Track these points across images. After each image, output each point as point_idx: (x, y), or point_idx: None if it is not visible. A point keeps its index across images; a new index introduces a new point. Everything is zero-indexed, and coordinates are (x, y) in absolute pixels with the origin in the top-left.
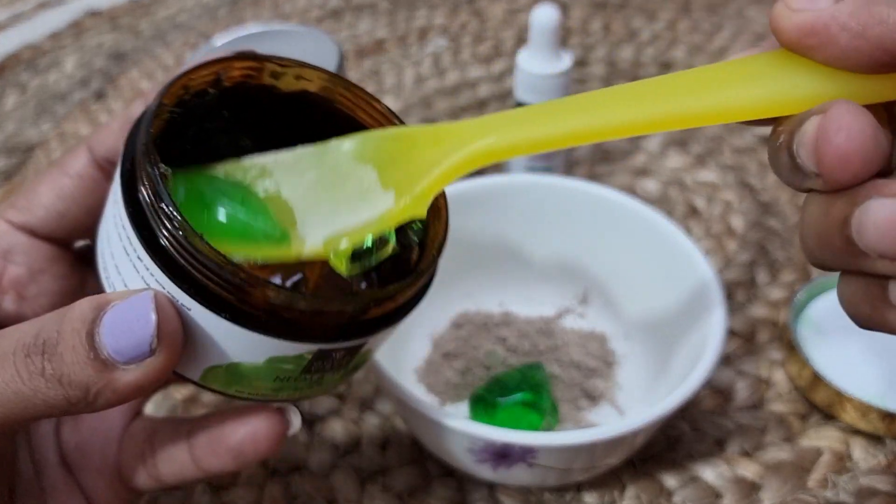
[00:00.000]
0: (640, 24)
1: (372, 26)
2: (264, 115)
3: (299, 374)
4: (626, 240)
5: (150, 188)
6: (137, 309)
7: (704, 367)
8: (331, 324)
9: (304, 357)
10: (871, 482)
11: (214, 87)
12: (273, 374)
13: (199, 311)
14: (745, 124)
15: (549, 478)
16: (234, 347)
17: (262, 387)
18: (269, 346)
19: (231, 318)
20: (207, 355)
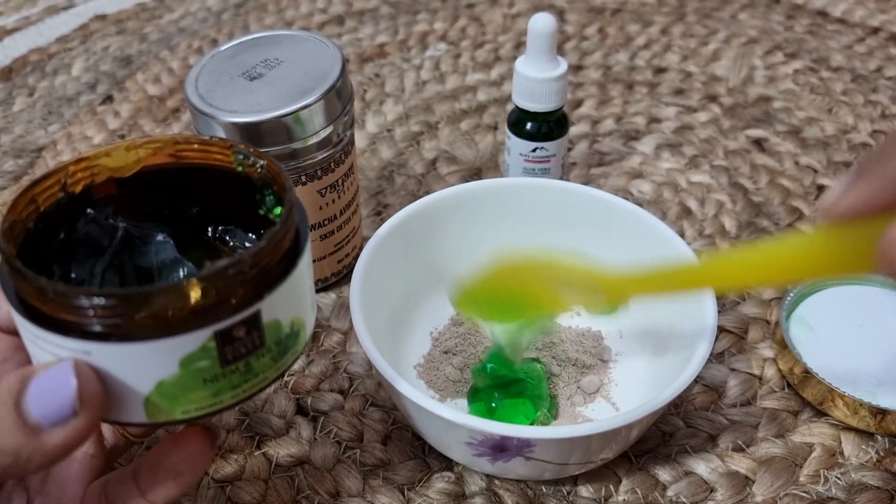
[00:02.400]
0: (635, 29)
1: (373, 31)
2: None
3: (222, 368)
4: (620, 240)
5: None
6: (58, 376)
7: (696, 363)
8: (205, 302)
9: (208, 347)
10: (862, 477)
11: (63, 191)
12: (199, 378)
13: (99, 351)
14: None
15: (545, 471)
16: (145, 368)
17: (201, 397)
18: (170, 347)
19: (123, 339)
20: (132, 390)
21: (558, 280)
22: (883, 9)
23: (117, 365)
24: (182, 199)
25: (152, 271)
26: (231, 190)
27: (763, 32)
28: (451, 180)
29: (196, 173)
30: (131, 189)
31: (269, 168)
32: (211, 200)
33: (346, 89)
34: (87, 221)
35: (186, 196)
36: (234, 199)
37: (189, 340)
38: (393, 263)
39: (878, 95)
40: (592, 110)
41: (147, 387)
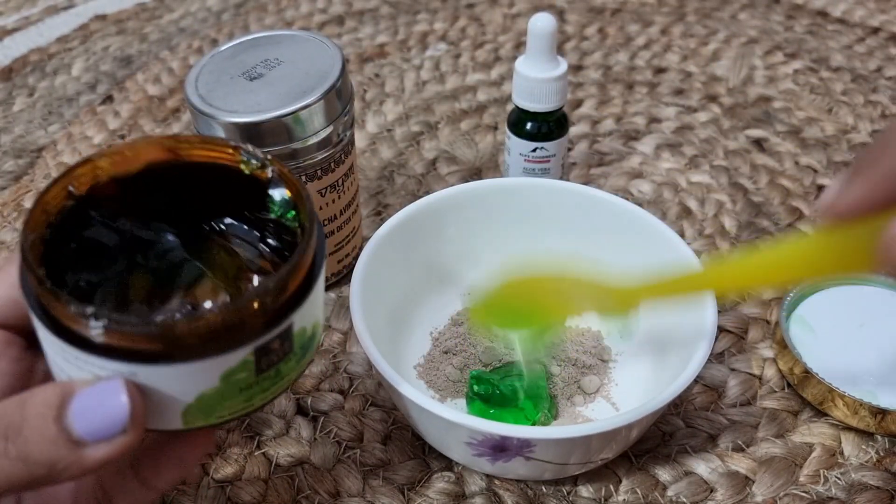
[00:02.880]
0: (635, 29)
1: (373, 31)
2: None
3: (256, 377)
4: (620, 240)
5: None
6: (108, 394)
7: (696, 363)
8: (247, 323)
9: (248, 361)
10: (861, 477)
11: (71, 198)
12: (236, 388)
13: (144, 372)
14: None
15: (545, 471)
16: (189, 383)
17: (236, 403)
18: (213, 365)
19: (169, 360)
20: (174, 403)
21: (568, 291)
22: (883, 9)
23: (160, 383)
24: (183, 196)
25: (162, 273)
26: (234, 188)
27: (763, 32)
28: (451, 180)
29: (198, 172)
30: (134, 189)
31: (280, 174)
32: (213, 198)
33: (346, 89)
34: (94, 226)
35: (188, 194)
36: (236, 197)
37: (231, 358)
38: (393, 263)
39: (878, 95)
40: (592, 110)
41: (187, 399)
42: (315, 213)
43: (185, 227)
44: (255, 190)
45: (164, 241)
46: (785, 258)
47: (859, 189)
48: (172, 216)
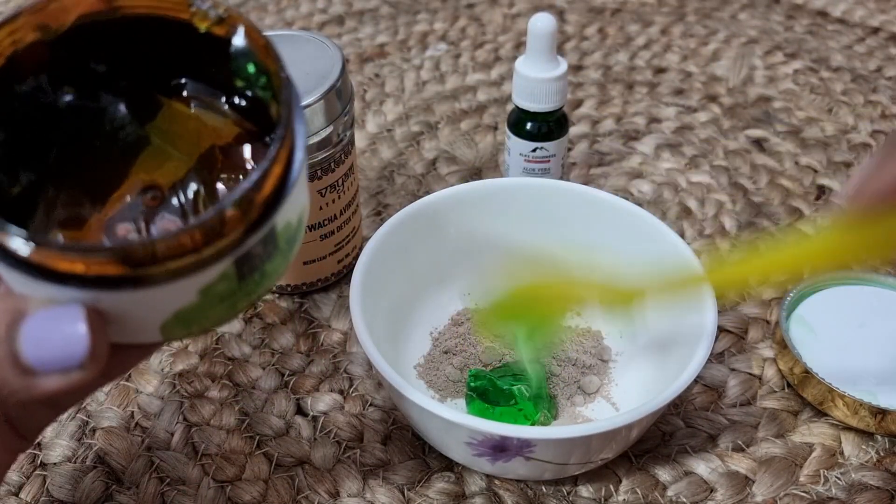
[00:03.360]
0: (635, 29)
1: (373, 31)
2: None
3: (239, 284)
4: (620, 240)
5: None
6: (64, 322)
7: (696, 363)
8: (223, 236)
9: (228, 273)
10: (862, 478)
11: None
12: (218, 298)
13: (109, 298)
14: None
15: (546, 471)
16: (162, 303)
17: (219, 311)
18: (188, 284)
19: (135, 286)
20: (149, 321)
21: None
22: (883, 9)
23: (128, 307)
24: (126, 58)
25: (116, 154)
26: (187, 47)
27: (763, 32)
28: (451, 180)
29: (142, 27)
30: (65, 51)
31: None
32: (162, 59)
33: (346, 89)
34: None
35: (131, 55)
36: (190, 58)
37: (208, 273)
38: (393, 263)
39: (878, 95)
40: (592, 110)
41: (163, 317)
42: (290, 79)
43: (133, 95)
44: (213, 50)
45: (113, 112)
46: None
47: (887, 175)
48: (116, 83)
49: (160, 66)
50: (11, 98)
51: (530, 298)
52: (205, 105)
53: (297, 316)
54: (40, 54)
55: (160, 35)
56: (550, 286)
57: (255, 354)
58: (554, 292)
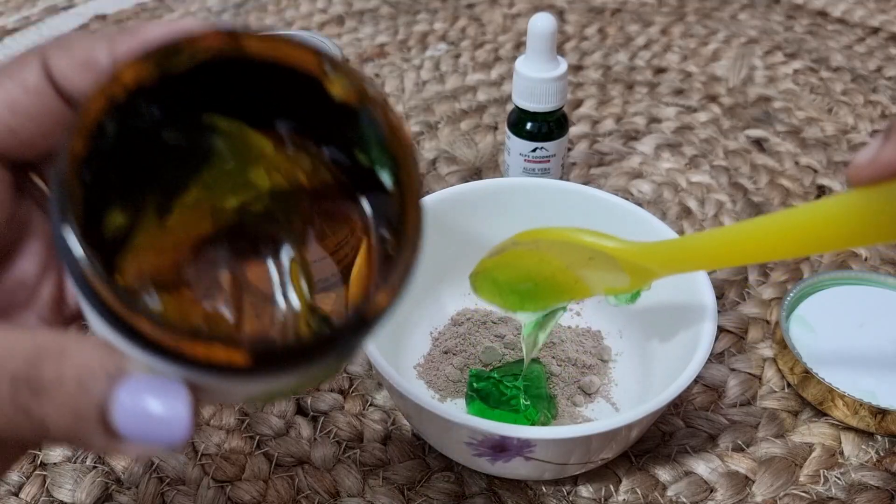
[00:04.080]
0: (635, 29)
1: (373, 32)
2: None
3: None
4: None
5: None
6: (167, 401)
7: (696, 363)
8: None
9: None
10: (862, 477)
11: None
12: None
13: (213, 378)
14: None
15: (545, 471)
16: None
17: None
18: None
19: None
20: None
21: (580, 261)
22: (883, 9)
23: (229, 386)
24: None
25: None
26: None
27: (763, 32)
28: (451, 180)
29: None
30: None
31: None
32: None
33: None
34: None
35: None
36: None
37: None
38: None
39: (878, 95)
40: (592, 110)
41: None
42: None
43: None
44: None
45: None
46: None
47: (893, 150)
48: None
49: (268, 105)
50: (126, 133)
51: (533, 260)
52: (305, 148)
53: None
54: (157, 90)
55: (277, 78)
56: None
57: None
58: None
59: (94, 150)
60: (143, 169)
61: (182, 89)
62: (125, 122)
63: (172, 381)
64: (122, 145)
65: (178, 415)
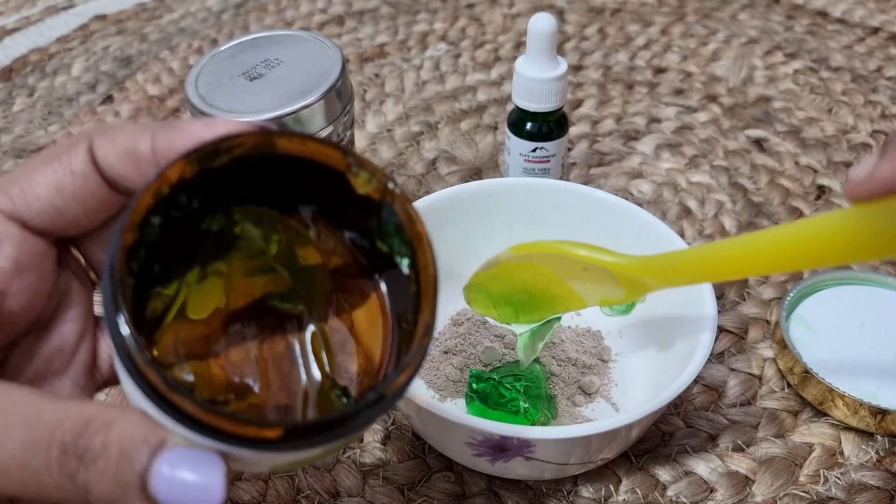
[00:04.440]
0: (635, 29)
1: (373, 32)
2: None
3: (349, 441)
4: (620, 240)
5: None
6: (204, 472)
7: (696, 363)
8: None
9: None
10: (861, 477)
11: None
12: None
13: (238, 453)
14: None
15: (546, 471)
16: (290, 457)
17: (324, 456)
18: (322, 449)
19: (279, 449)
20: (268, 466)
21: (575, 273)
22: (883, 9)
23: (259, 457)
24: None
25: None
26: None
27: (763, 32)
28: (451, 180)
29: (296, 166)
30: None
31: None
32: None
33: (346, 89)
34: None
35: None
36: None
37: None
38: None
39: (878, 95)
40: (592, 110)
41: (281, 463)
42: (437, 270)
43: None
44: (359, 208)
45: (246, 237)
46: (810, 240)
47: (889, 166)
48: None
49: (296, 192)
50: (168, 223)
51: (526, 280)
52: (329, 237)
53: None
54: (197, 182)
55: (306, 171)
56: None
57: None
58: (551, 275)
59: (141, 241)
60: (181, 252)
61: (219, 180)
62: (168, 214)
63: (208, 453)
64: (165, 234)
65: (214, 484)
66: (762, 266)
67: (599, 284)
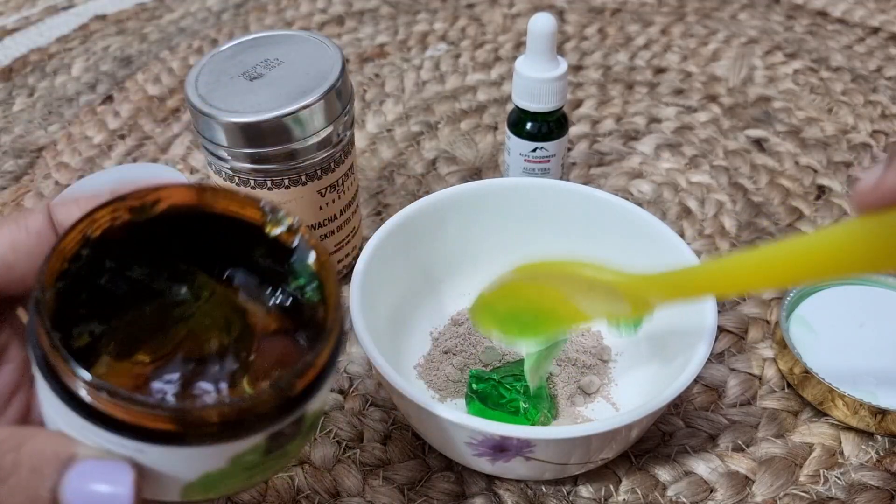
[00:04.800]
0: (635, 29)
1: (373, 32)
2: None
3: (263, 458)
4: (620, 240)
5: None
6: (114, 477)
7: (696, 363)
8: (266, 412)
9: (259, 445)
10: (861, 477)
11: (86, 245)
12: (242, 468)
13: (153, 451)
14: None
15: (546, 471)
16: (196, 463)
17: (238, 480)
18: (224, 449)
19: (181, 443)
20: (177, 480)
21: (580, 291)
22: (883, 9)
23: (166, 462)
24: (199, 245)
25: (170, 324)
26: (254, 245)
27: (763, 32)
28: (451, 180)
29: (219, 222)
30: (150, 233)
31: (309, 243)
32: (229, 251)
33: (346, 89)
34: (107, 272)
35: (204, 243)
36: (254, 254)
37: (244, 443)
38: (393, 263)
39: (878, 95)
40: (592, 110)
41: (191, 477)
42: (340, 292)
43: (192, 276)
44: (276, 252)
45: (175, 291)
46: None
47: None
48: (186, 264)
49: (222, 254)
50: (97, 267)
51: (530, 298)
52: (253, 296)
53: None
54: (125, 231)
55: (231, 229)
56: (553, 285)
57: None
58: (556, 293)
59: (69, 271)
60: (110, 296)
61: (150, 232)
62: (96, 256)
63: (118, 462)
64: (94, 274)
65: (122, 492)
66: (770, 280)
67: (605, 301)
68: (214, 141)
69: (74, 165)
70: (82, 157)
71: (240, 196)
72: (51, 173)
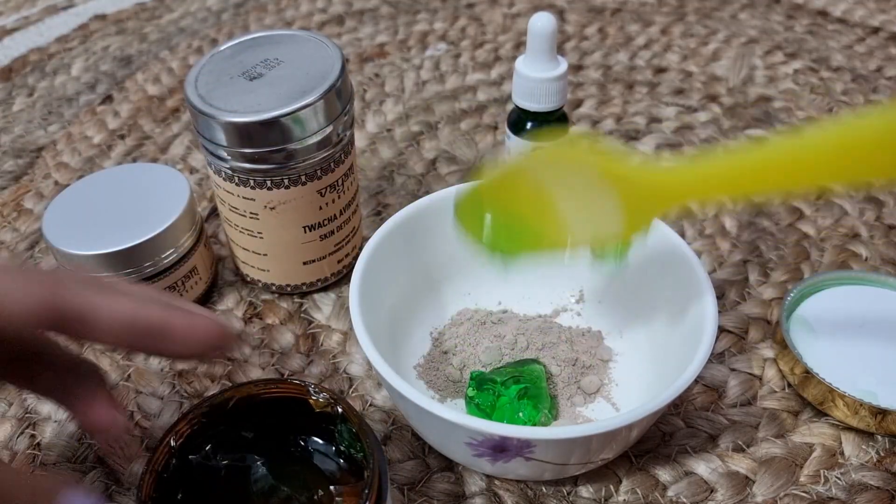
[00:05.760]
0: (635, 29)
1: (373, 31)
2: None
3: None
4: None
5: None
6: None
7: (696, 363)
8: None
9: None
10: (862, 478)
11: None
12: None
13: None
14: None
15: (545, 471)
16: None
17: None
18: None
19: None
20: None
21: (578, 199)
22: (883, 9)
23: None
24: (266, 427)
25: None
26: (307, 419)
27: (763, 32)
28: (451, 180)
29: (276, 406)
30: (221, 423)
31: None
32: (290, 427)
33: (346, 89)
34: (195, 469)
35: (270, 425)
36: (310, 426)
37: None
38: (393, 263)
39: (878, 95)
40: (592, 110)
41: None
42: (376, 441)
43: (270, 454)
44: (326, 421)
45: (254, 470)
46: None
47: None
48: (258, 446)
49: (289, 430)
50: (185, 464)
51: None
52: (322, 459)
53: (297, 316)
54: (205, 430)
55: (289, 409)
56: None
57: (255, 355)
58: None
59: (161, 481)
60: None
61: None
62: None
63: None
64: (179, 472)
65: None
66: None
67: (598, 219)
68: (214, 141)
69: (74, 165)
70: (82, 157)
71: (287, 381)
72: (50, 173)
